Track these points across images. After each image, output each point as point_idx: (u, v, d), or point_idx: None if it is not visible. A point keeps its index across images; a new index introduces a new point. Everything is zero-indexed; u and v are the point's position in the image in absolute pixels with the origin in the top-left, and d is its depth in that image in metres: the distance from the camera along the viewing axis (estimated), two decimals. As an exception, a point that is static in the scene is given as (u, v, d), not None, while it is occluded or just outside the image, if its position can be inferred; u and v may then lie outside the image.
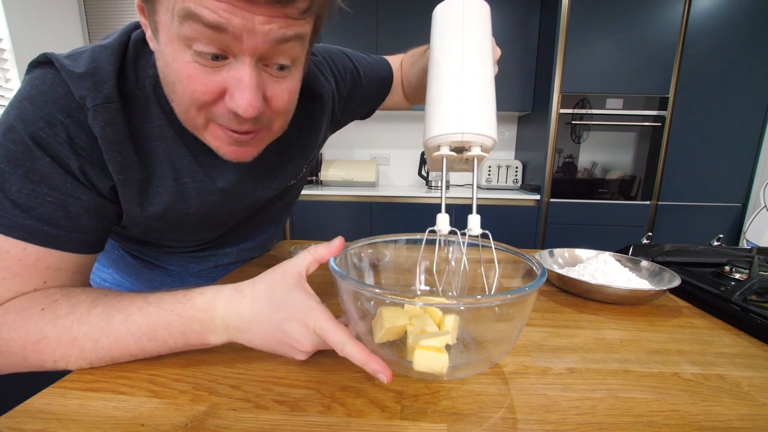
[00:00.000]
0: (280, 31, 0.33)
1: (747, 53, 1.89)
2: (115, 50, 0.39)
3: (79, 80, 0.36)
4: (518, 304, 0.31)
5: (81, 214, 0.38)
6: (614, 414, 0.30)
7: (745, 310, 0.48)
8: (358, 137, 2.74)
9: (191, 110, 0.37)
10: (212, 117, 0.37)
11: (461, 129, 0.32)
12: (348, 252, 0.41)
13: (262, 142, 0.42)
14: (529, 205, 2.12)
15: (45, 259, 0.37)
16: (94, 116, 0.37)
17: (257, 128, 0.39)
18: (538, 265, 0.36)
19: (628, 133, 2.03)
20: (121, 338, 0.34)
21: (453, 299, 0.34)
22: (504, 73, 2.26)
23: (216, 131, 0.39)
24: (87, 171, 0.38)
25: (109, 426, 0.28)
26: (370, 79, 0.64)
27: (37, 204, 0.36)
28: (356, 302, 0.33)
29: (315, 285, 0.37)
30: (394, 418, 0.29)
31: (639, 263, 0.62)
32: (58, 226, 0.37)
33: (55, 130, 0.36)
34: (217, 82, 0.34)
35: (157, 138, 0.42)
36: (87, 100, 0.37)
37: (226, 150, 0.40)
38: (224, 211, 0.52)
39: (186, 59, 0.33)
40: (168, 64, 0.35)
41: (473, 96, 0.33)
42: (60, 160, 0.36)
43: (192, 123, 0.38)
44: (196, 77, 0.34)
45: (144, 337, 0.34)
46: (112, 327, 0.34)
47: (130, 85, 0.40)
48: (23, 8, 1.97)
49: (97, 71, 0.37)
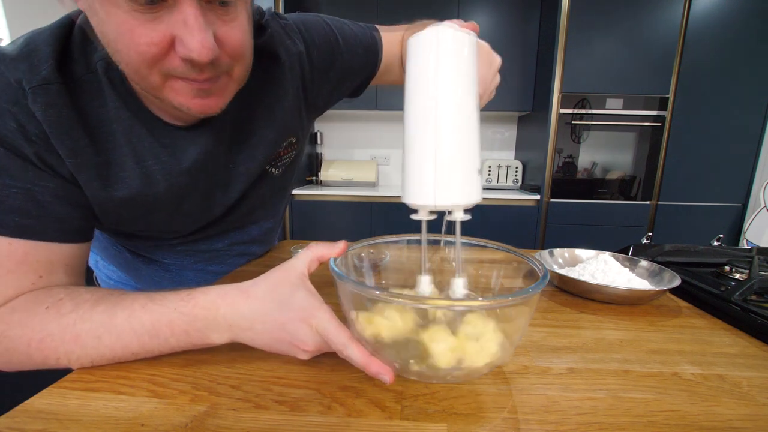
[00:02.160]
0: None
1: (747, 53, 1.89)
2: (54, 32, 0.38)
3: (12, 63, 0.36)
4: (521, 306, 0.31)
5: (51, 201, 0.38)
6: (614, 414, 0.30)
7: (745, 310, 0.48)
8: (358, 137, 2.74)
9: (142, 68, 0.34)
10: (167, 71, 0.35)
11: (433, 201, 0.30)
12: (348, 253, 0.41)
13: (225, 89, 0.40)
14: (529, 205, 2.12)
15: (33, 252, 0.37)
16: (33, 99, 0.36)
17: (217, 74, 0.37)
18: (539, 265, 0.36)
19: (628, 133, 2.03)
20: (123, 336, 0.34)
21: (456, 300, 0.34)
22: (504, 73, 2.25)
23: (175, 85, 0.36)
24: (44, 157, 0.37)
25: (109, 426, 0.28)
26: (352, 49, 0.57)
27: (4, 196, 0.35)
28: (356, 304, 0.33)
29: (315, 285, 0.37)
30: (394, 418, 0.29)
31: (639, 263, 0.62)
32: (29, 215, 0.36)
33: (4, 120, 0.35)
34: (160, 30, 0.32)
35: (113, 121, 0.41)
36: (23, 83, 0.36)
37: (191, 104, 0.38)
38: (198, 193, 0.50)
39: (121, 12, 0.31)
40: (103, 22, 0.32)
41: (447, 161, 0.30)
42: (15, 150, 0.36)
43: (147, 83, 0.36)
44: (136, 30, 0.31)
45: (146, 335, 0.34)
46: (115, 324, 0.34)
47: (79, 68, 0.39)
48: (23, 8, 1.97)
49: (34, 53, 0.36)
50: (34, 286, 0.37)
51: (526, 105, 2.30)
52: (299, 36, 0.53)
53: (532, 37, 2.21)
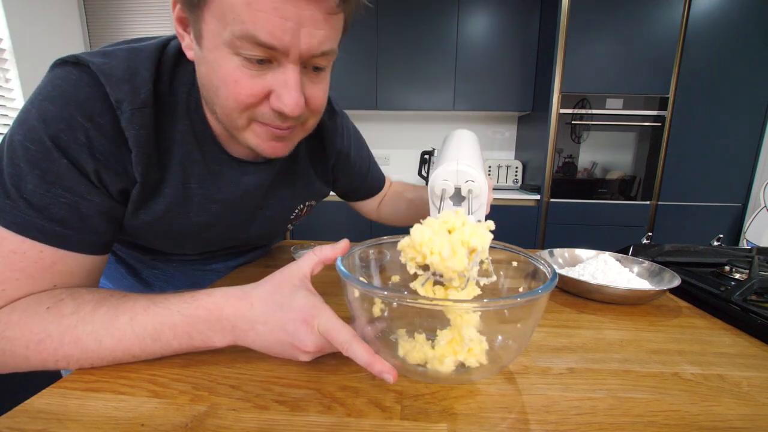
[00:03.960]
0: (320, 46, 0.36)
1: (747, 53, 1.89)
2: (152, 55, 0.41)
3: (118, 84, 0.37)
4: (530, 307, 0.31)
5: (93, 215, 0.39)
6: (614, 414, 0.30)
7: (745, 310, 0.48)
8: (358, 137, 2.73)
9: (234, 113, 0.38)
10: (255, 117, 0.39)
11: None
12: (352, 253, 0.41)
13: (296, 137, 0.45)
14: (529, 205, 2.12)
15: (60, 262, 0.37)
16: (130, 119, 0.38)
17: (295, 124, 0.42)
18: (547, 265, 0.36)
19: (628, 133, 2.03)
20: (124, 339, 0.34)
21: (464, 301, 0.34)
22: (504, 73, 2.26)
23: (257, 129, 0.41)
24: (102, 174, 0.39)
25: (109, 426, 0.28)
26: (368, 181, 0.73)
27: (51, 204, 0.36)
28: (363, 304, 0.33)
29: (316, 284, 0.37)
30: (394, 418, 0.29)
31: (639, 263, 0.62)
32: (70, 227, 0.37)
33: (75, 133, 0.36)
34: (262, 85, 0.36)
35: (177, 141, 0.43)
36: (125, 104, 0.38)
37: (266, 146, 0.42)
38: (222, 225, 0.53)
39: (232, 65, 0.35)
40: (213, 70, 0.37)
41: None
42: (77, 163, 0.37)
43: (233, 124, 0.40)
44: (241, 81, 0.36)
45: (149, 338, 0.34)
46: (117, 327, 0.34)
47: (164, 88, 0.42)
48: (23, 8, 1.97)
49: (135, 76, 0.39)
50: (43, 291, 0.37)
51: (526, 105, 2.30)
52: (347, 140, 0.64)
53: (532, 37, 2.21)
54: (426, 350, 0.34)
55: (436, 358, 0.33)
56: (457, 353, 0.33)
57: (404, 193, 0.76)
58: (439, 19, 2.20)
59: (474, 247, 0.33)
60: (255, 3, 0.32)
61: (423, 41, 2.23)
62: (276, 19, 0.32)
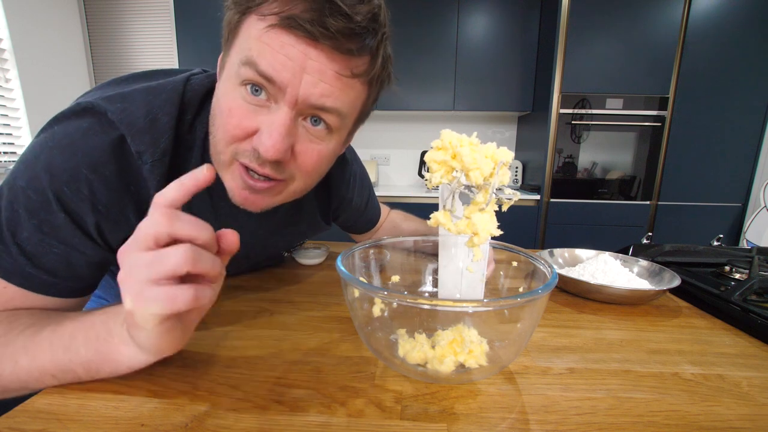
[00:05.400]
0: (321, 98, 0.35)
1: (747, 53, 1.89)
2: (171, 98, 0.40)
3: (138, 135, 0.37)
4: (530, 307, 0.31)
5: (82, 266, 0.39)
6: (614, 414, 0.30)
7: (745, 310, 0.48)
8: (358, 137, 2.72)
9: (220, 144, 0.37)
10: (237, 154, 0.37)
11: None
12: (353, 253, 0.41)
13: (276, 195, 0.41)
14: (529, 205, 2.12)
15: (40, 305, 0.37)
16: (151, 170, 0.38)
17: (276, 177, 0.38)
18: (547, 266, 0.36)
19: (628, 133, 2.03)
20: (39, 354, 0.32)
21: (463, 302, 0.34)
22: (504, 73, 2.26)
23: (235, 172, 0.38)
24: (102, 226, 0.38)
25: (109, 426, 0.28)
26: (365, 216, 0.72)
27: (42, 253, 0.36)
28: (363, 304, 0.33)
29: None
30: (394, 418, 0.29)
31: (639, 263, 0.62)
32: (56, 275, 0.37)
33: (79, 186, 0.36)
34: (252, 120, 0.35)
35: None
36: (145, 156, 0.37)
37: (238, 194, 0.39)
38: None
39: (234, 95, 0.35)
40: (218, 99, 0.37)
41: None
42: (76, 216, 0.36)
43: (218, 158, 0.39)
44: (234, 112, 0.35)
45: (61, 348, 0.32)
46: (36, 342, 0.32)
47: (184, 128, 0.41)
48: (23, 8, 1.97)
49: (155, 124, 0.38)
50: None
51: (526, 105, 2.30)
52: (355, 191, 0.63)
53: (532, 37, 2.21)
54: (426, 350, 0.34)
55: (436, 358, 0.33)
56: (458, 354, 0.33)
57: (401, 225, 0.77)
58: (439, 19, 2.20)
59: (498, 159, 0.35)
60: (265, 37, 0.33)
61: (423, 41, 2.23)
62: (280, 56, 0.33)
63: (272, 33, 0.32)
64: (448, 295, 0.43)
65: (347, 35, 0.33)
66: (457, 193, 0.38)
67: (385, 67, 0.39)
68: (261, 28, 0.33)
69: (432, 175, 0.37)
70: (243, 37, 0.34)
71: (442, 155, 0.36)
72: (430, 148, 0.38)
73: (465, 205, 0.38)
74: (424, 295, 0.49)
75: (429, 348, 0.35)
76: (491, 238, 0.38)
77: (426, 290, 0.49)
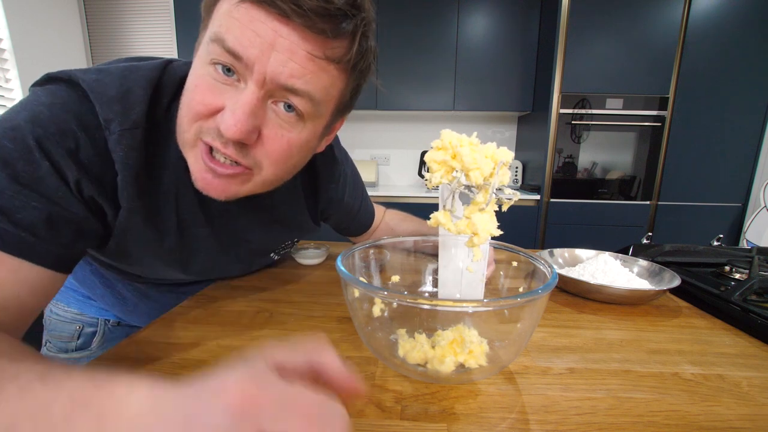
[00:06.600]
0: (291, 78, 0.33)
1: (747, 53, 1.89)
2: (149, 74, 0.39)
3: (108, 103, 0.35)
4: (530, 307, 0.31)
5: (62, 226, 0.35)
6: (614, 414, 0.30)
7: (745, 310, 0.48)
8: (358, 137, 2.74)
9: (185, 121, 0.36)
10: (201, 132, 0.36)
11: None
12: (353, 253, 0.41)
13: (242, 184, 0.39)
14: (529, 205, 2.12)
15: (11, 271, 0.32)
16: (118, 140, 0.36)
17: (240, 161, 0.36)
18: (547, 266, 0.36)
19: (628, 133, 2.03)
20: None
21: (463, 302, 0.34)
22: (504, 73, 2.26)
23: (198, 153, 0.37)
24: (83, 185, 0.35)
25: (109, 426, 0.28)
26: (357, 219, 0.70)
27: (19, 207, 0.32)
28: (363, 304, 0.33)
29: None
30: (394, 418, 0.29)
31: (639, 263, 0.62)
32: (36, 234, 0.33)
33: (65, 140, 0.34)
34: (217, 97, 0.34)
35: (168, 166, 0.41)
36: (113, 124, 0.35)
37: (200, 177, 0.38)
38: (207, 252, 0.51)
39: (202, 72, 0.35)
40: (193, 72, 0.36)
41: None
42: (58, 167, 0.33)
43: (183, 138, 0.37)
44: (200, 88, 0.34)
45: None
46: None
47: (160, 111, 0.40)
48: (23, 8, 1.97)
49: (128, 94, 0.37)
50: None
51: (526, 105, 2.30)
52: (344, 191, 0.62)
53: (532, 37, 2.21)
54: (426, 350, 0.34)
55: (436, 358, 0.33)
56: (458, 354, 0.33)
57: (397, 228, 0.76)
58: (439, 19, 2.20)
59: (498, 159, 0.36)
60: (234, 11, 0.32)
61: (423, 41, 2.23)
62: (248, 31, 0.32)
63: (242, 8, 0.31)
64: (448, 295, 0.43)
65: (321, 15, 0.31)
66: (457, 193, 0.38)
67: (364, 57, 0.37)
68: (232, 4, 0.32)
69: (432, 175, 0.37)
70: (215, 15, 0.34)
71: (442, 155, 0.36)
72: (430, 148, 0.38)
73: (465, 205, 0.38)
74: (424, 295, 0.49)
75: (429, 348, 0.35)
76: (491, 238, 0.38)
77: (426, 290, 0.49)
